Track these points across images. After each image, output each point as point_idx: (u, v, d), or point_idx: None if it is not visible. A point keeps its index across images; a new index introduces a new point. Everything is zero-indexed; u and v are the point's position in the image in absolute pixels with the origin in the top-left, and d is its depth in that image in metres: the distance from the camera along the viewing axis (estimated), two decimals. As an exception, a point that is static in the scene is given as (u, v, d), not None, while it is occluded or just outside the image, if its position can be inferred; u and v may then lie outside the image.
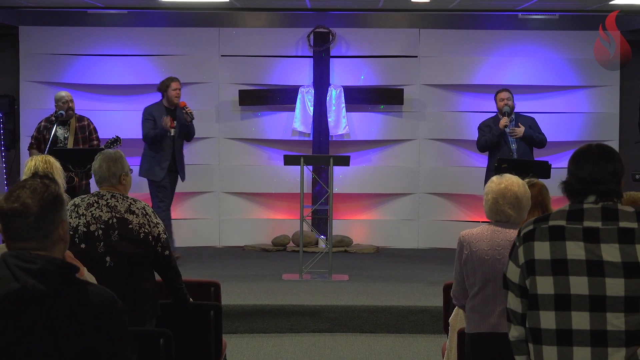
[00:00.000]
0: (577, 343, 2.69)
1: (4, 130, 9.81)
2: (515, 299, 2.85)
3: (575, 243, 2.74)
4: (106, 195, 4.35)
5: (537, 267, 2.77)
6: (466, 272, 3.96)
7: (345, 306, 6.91)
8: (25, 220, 2.27)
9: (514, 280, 2.85)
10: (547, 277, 2.75)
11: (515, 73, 9.79)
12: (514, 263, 2.86)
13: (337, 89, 9.69)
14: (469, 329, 3.99)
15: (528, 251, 2.81)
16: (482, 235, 3.94)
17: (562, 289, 2.72)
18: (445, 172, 9.93)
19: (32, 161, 4.87)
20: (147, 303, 4.32)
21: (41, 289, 2.21)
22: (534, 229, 2.82)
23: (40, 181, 2.32)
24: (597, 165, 2.80)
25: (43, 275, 2.22)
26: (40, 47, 9.85)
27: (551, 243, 2.76)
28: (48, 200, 2.30)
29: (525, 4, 9.08)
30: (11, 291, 2.20)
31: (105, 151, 4.52)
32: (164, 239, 4.34)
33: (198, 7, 9.67)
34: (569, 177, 2.86)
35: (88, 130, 8.48)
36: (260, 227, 9.99)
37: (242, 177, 9.99)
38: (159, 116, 8.47)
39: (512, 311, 2.87)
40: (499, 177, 4.00)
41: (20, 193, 2.29)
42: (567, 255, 2.74)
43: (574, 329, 2.70)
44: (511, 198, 3.91)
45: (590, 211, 2.77)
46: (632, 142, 9.55)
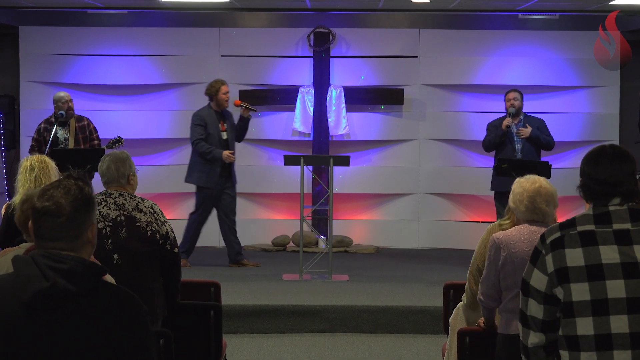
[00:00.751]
0: (617, 347, 2.67)
1: (4, 130, 9.81)
2: (538, 306, 2.81)
3: (609, 247, 2.71)
4: (114, 194, 4.38)
5: (571, 275, 2.73)
6: (504, 274, 3.95)
7: (345, 306, 6.91)
8: (57, 220, 2.27)
9: (538, 288, 2.81)
10: (583, 284, 2.71)
11: (515, 73, 9.79)
12: (540, 271, 2.81)
13: (337, 89, 9.69)
14: (508, 330, 3.96)
15: (558, 259, 2.76)
16: (519, 236, 3.94)
17: (599, 294, 2.70)
18: (445, 172, 9.93)
19: (28, 161, 4.87)
20: (155, 303, 4.34)
21: (70, 289, 2.22)
22: (563, 236, 2.77)
23: (74, 182, 2.33)
24: (616, 166, 2.79)
25: (72, 275, 2.23)
26: (40, 47, 9.85)
27: (584, 249, 2.73)
28: (81, 202, 2.30)
29: (525, 4, 9.08)
30: (41, 290, 2.20)
31: (112, 152, 4.54)
32: (172, 236, 4.37)
33: (198, 7, 9.67)
34: (585, 179, 2.83)
35: (88, 130, 8.47)
36: (260, 227, 9.99)
37: (241, 177, 9.96)
38: (210, 121, 8.32)
39: (532, 318, 2.83)
40: (526, 178, 4.01)
41: (54, 192, 2.30)
42: (602, 260, 2.71)
43: (613, 333, 2.68)
44: (547, 196, 3.95)
45: (618, 213, 2.76)
46: (632, 142, 9.54)
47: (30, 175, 4.78)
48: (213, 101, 8.42)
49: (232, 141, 8.47)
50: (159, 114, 9.96)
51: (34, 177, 4.75)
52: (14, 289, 2.23)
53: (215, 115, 8.40)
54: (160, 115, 9.96)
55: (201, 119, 8.36)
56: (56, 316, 2.23)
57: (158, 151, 9.97)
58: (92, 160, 7.79)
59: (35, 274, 2.22)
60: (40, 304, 2.21)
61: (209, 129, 8.32)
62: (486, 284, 4.05)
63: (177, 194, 9.98)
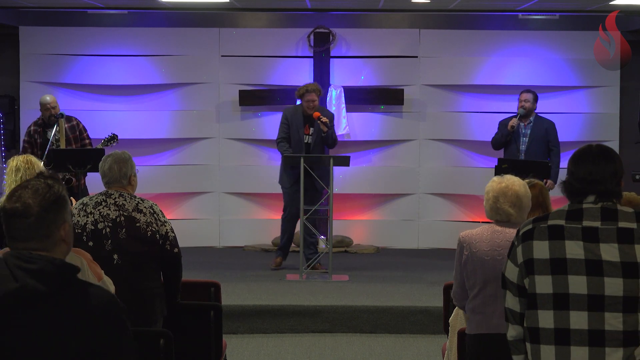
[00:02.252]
0: (574, 342, 2.69)
1: (4, 130, 9.82)
2: (514, 298, 2.85)
3: (574, 242, 2.74)
4: (114, 195, 4.38)
5: (536, 266, 2.77)
6: (466, 273, 3.96)
7: (346, 306, 6.91)
8: (26, 221, 2.26)
9: (512, 280, 2.86)
10: (546, 277, 2.75)
11: (516, 73, 9.79)
12: (512, 262, 2.87)
13: (337, 89, 9.68)
14: (470, 329, 3.99)
15: (527, 250, 2.81)
16: (482, 235, 3.94)
17: (561, 288, 2.72)
18: (445, 172, 9.93)
19: (14, 161, 4.86)
20: (155, 303, 4.34)
21: (40, 289, 2.20)
22: (533, 229, 2.82)
23: (43, 181, 2.31)
24: (597, 165, 2.81)
25: (42, 275, 2.21)
26: (41, 47, 9.85)
27: (550, 242, 2.77)
28: (50, 201, 2.29)
29: (526, 4, 9.08)
30: (9, 291, 2.19)
31: (113, 152, 4.54)
32: (172, 237, 4.37)
33: (198, 7, 9.67)
34: (568, 177, 2.87)
35: (78, 130, 8.51)
36: (260, 227, 9.99)
37: (242, 177, 9.99)
38: (294, 121, 8.24)
39: (510, 310, 2.88)
40: (499, 176, 4.00)
41: (22, 193, 2.29)
42: (566, 255, 2.74)
43: (572, 329, 2.70)
44: (512, 197, 3.91)
45: (590, 211, 2.78)
46: (632, 142, 9.55)
47: (16, 175, 4.77)
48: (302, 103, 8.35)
49: (315, 146, 8.28)
50: (159, 114, 9.96)
51: (19, 177, 4.73)
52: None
53: (302, 117, 8.28)
54: (160, 115, 9.96)
55: (286, 117, 8.32)
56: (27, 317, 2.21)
57: (158, 151, 9.97)
58: (92, 160, 7.81)
59: (5, 274, 2.21)
60: (10, 305, 2.20)
61: (292, 129, 8.26)
62: (455, 283, 4.07)
63: (177, 194, 9.99)
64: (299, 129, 8.28)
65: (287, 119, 8.31)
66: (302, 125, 8.29)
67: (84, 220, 4.30)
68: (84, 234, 4.28)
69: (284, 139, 8.29)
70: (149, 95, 9.99)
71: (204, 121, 9.92)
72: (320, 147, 8.39)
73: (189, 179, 9.99)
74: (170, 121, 9.96)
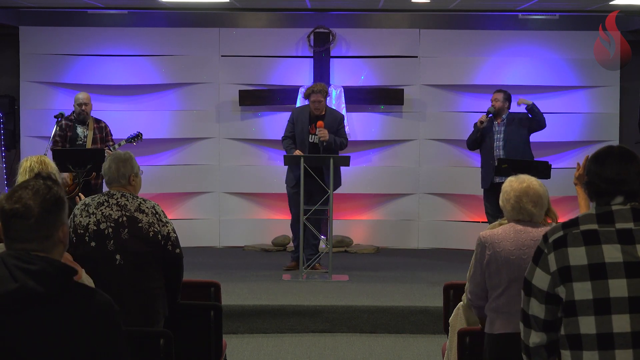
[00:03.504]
0: (618, 346, 2.68)
1: (4, 130, 9.82)
2: (540, 306, 2.82)
3: (611, 246, 2.72)
4: (116, 195, 4.38)
5: (574, 274, 2.74)
6: (489, 273, 3.95)
7: (345, 306, 6.92)
8: (26, 222, 2.25)
9: (541, 287, 2.81)
10: (585, 283, 2.72)
11: (515, 73, 9.79)
12: (542, 270, 2.81)
13: (337, 89, 9.68)
14: (492, 329, 3.97)
15: (561, 258, 2.77)
16: (505, 235, 3.93)
17: (602, 293, 2.70)
18: (445, 172, 9.93)
19: (27, 162, 4.87)
20: (157, 303, 4.34)
21: (39, 291, 2.20)
22: (565, 235, 2.78)
23: (42, 182, 2.30)
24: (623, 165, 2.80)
25: (42, 276, 2.21)
26: (40, 47, 9.86)
27: (587, 248, 2.74)
28: (50, 202, 2.28)
29: (525, 4, 9.08)
30: (9, 291, 2.19)
31: (115, 152, 4.56)
32: (173, 237, 4.37)
33: (198, 7, 9.67)
34: (591, 177, 2.85)
35: (105, 132, 8.69)
36: (260, 227, 9.99)
37: (242, 177, 9.99)
38: (300, 120, 8.20)
39: (534, 317, 2.83)
40: (516, 177, 4.00)
41: (23, 194, 2.27)
42: (604, 259, 2.72)
43: (615, 332, 2.69)
44: (534, 196, 3.92)
45: (620, 212, 2.77)
46: (632, 142, 9.54)
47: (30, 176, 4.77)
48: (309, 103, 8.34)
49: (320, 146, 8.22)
50: (159, 114, 9.96)
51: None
52: None
53: (309, 116, 8.24)
54: (160, 115, 9.96)
55: (292, 116, 8.31)
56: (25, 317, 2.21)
57: (158, 151, 9.97)
58: (92, 160, 7.83)
59: (4, 275, 2.20)
60: (8, 305, 2.20)
61: (297, 127, 8.24)
62: (473, 283, 4.06)
63: (177, 194, 9.99)
64: (303, 128, 8.27)
65: (294, 118, 8.31)
66: (307, 124, 8.28)
67: (87, 220, 4.30)
68: (87, 234, 4.28)
69: (288, 137, 8.29)
70: (149, 95, 9.99)
71: (204, 121, 9.92)
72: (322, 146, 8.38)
73: (189, 179, 9.99)
74: (170, 121, 9.96)
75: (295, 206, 8.33)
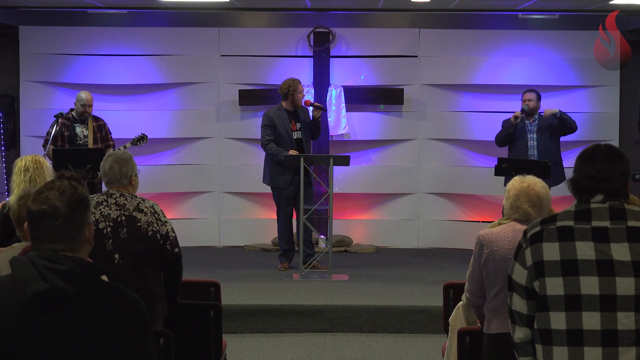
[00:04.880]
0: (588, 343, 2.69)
1: (4, 130, 9.81)
2: (521, 301, 2.84)
3: (585, 243, 2.73)
4: (115, 194, 4.38)
5: (547, 269, 2.76)
6: (486, 272, 3.95)
7: (345, 306, 6.92)
8: (54, 222, 2.26)
9: (520, 282, 2.84)
10: (557, 278, 2.74)
11: (515, 73, 9.79)
12: (520, 265, 2.85)
13: (337, 88, 9.68)
14: (489, 329, 3.97)
15: (536, 253, 2.79)
16: (503, 234, 3.94)
17: (573, 289, 2.71)
18: (445, 172, 9.93)
19: (22, 161, 4.88)
20: (156, 303, 4.34)
21: (69, 290, 2.21)
22: (542, 230, 2.81)
23: (68, 183, 2.31)
24: (606, 164, 2.81)
25: (71, 276, 2.22)
26: (40, 47, 9.85)
27: (560, 244, 2.76)
28: (76, 202, 2.29)
29: (525, 4, 9.08)
30: (39, 291, 2.20)
31: (114, 152, 4.56)
32: (172, 237, 4.37)
33: (198, 7, 9.67)
34: (575, 174, 2.86)
35: (104, 130, 8.67)
36: (260, 227, 9.98)
37: (242, 177, 9.99)
38: (280, 121, 8.24)
39: (517, 312, 2.86)
40: (521, 176, 4.00)
41: (49, 194, 2.28)
42: (577, 256, 2.73)
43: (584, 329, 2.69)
44: (533, 197, 3.92)
45: (598, 211, 2.77)
46: (632, 142, 9.55)
47: (24, 175, 4.79)
48: (287, 100, 8.34)
49: (306, 141, 8.37)
50: (159, 114, 9.96)
51: (28, 177, 4.76)
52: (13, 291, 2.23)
53: (287, 114, 8.30)
54: (160, 115, 9.96)
55: (269, 119, 8.28)
56: (55, 317, 2.22)
57: (158, 151, 9.97)
58: (92, 160, 7.83)
59: (34, 275, 2.21)
60: (38, 305, 2.21)
61: (279, 129, 8.25)
62: (471, 282, 4.06)
63: (177, 193, 9.99)
64: (286, 127, 8.28)
65: (272, 121, 8.28)
66: (288, 122, 8.30)
67: None
68: None
69: (270, 141, 8.26)
70: (149, 95, 9.99)
71: (203, 121, 9.92)
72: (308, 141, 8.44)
73: (189, 178, 9.99)
74: (170, 121, 9.96)
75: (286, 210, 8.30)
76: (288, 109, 8.33)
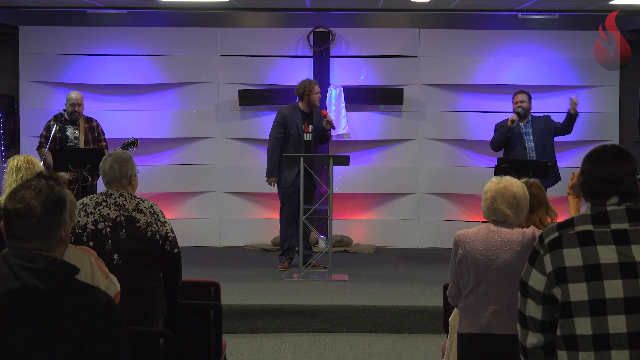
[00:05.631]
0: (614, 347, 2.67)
1: (4, 130, 9.81)
2: (536, 307, 2.80)
3: (606, 247, 2.71)
4: (115, 195, 4.38)
5: (569, 275, 2.73)
6: (460, 272, 3.98)
7: (345, 306, 6.91)
8: (28, 222, 2.26)
9: (537, 289, 2.80)
10: (581, 284, 2.71)
11: (515, 73, 9.79)
12: (538, 271, 2.80)
13: (337, 88, 9.69)
14: (461, 328, 4.00)
15: (556, 259, 2.76)
16: (477, 235, 3.95)
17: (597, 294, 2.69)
18: (445, 172, 9.93)
19: (14, 161, 4.87)
20: (155, 303, 4.34)
21: (42, 289, 2.20)
22: (560, 236, 2.77)
23: (45, 182, 2.31)
24: (616, 165, 2.78)
25: (44, 275, 2.22)
26: (40, 47, 9.85)
27: (582, 249, 2.73)
28: (52, 202, 2.29)
29: (525, 4, 9.08)
30: (12, 289, 2.19)
31: (114, 152, 4.55)
32: (172, 237, 4.37)
33: (198, 7, 9.67)
34: (585, 177, 2.83)
35: (97, 131, 8.61)
36: (260, 227, 9.99)
37: (242, 177, 9.99)
38: (292, 121, 8.23)
39: (531, 318, 2.82)
40: (498, 177, 4.01)
41: (25, 193, 2.28)
42: (600, 260, 2.71)
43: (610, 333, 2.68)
44: (509, 198, 3.92)
45: (615, 213, 2.75)
46: (632, 142, 9.55)
47: (16, 175, 4.78)
48: (303, 100, 8.34)
49: (314, 143, 8.38)
50: (159, 114, 9.96)
51: (20, 177, 4.75)
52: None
53: (301, 115, 8.30)
54: (160, 115, 9.96)
55: (282, 117, 8.27)
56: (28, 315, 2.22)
57: (158, 151, 9.97)
58: (92, 160, 7.82)
59: (7, 273, 2.21)
60: (11, 303, 2.20)
61: (290, 129, 8.24)
62: (450, 282, 4.09)
63: (177, 193, 9.99)
64: (298, 127, 8.28)
65: (284, 119, 8.28)
66: (301, 123, 8.30)
67: (84, 220, 4.30)
68: (84, 234, 4.28)
69: (278, 141, 8.27)
70: (149, 95, 9.99)
71: (203, 121, 9.92)
72: (316, 143, 8.45)
73: (189, 178, 9.99)
74: (170, 121, 9.96)
75: (289, 209, 8.31)
76: (303, 110, 8.33)
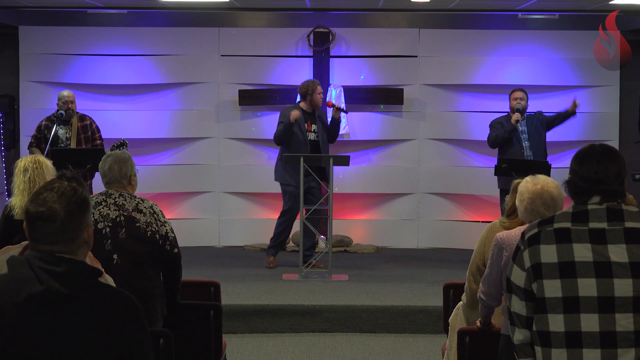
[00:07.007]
0: (586, 345, 2.68)
1: (4, 130, 9.81)
2: (520, 302, 2.83)
3: (582, 245, 2.72)
4: (114, 194, 4.38)
5: (544, 271, 2.75)
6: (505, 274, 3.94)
7: (345, 306, 6.91)
8: (52, 225, 2.24)
9: (518, 284, 2.83)
10: (555, 280, 2.73)
11: (515, 73, 9.79)
12: (518, 267, 2.83)
13: (337, 88, 9.68)
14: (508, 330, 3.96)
15: (534, 255, 2.78)
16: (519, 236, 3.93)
17: (571, 291, 2.71)
18: (445, 172, 9.93)
19: (22, 162, 4.87)
20: (155, 303, 4.34)
21: (64, 292, 2.19)
22: (539, 232, 2.79)
23: (68, 184, 2.28)
24: (602, 164, 2.79)
25: (67, 278, 2.21)
26: (40, 47, 9.85)
27: (558, 246, 2.75)
28: (75, 205, 2.27)
29: (525, 4, 9.08)
30: (34, 293, 2.18)
31: (113, 153, 4.54)
32: (172, 237, 4.37)
33: (198, 7, 9.67)
34: (572, 176, 2.84)
35: (90, 130, 8.51)
36: (260, 227, 9.98)
37: (242, 177, 9.99)
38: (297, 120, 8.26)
39: (516, 314, 2.85)
40: (533, 177, 3.96)
41: (48, 196, 2.25)
42: (574, 258, 2.72)
43: (583, 331, 2.69)
44: (548, 199, 3.89)
45: (595, 212, 2.76)
46: (632, 142, 9.55)
47: (24, 176, 4.78)
48: (305, 100, 8.39)
49: (323, 143, 8.40)
50: (159, 113, 9.96)
51: (27, 178, 4.74)
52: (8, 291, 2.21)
53: (304, 115, 8.32)
54: (160, 115, 9.96)
55: (285, 117, 8.29)
56: (50, 318, 2.21)
57: (158, 151, 9.97)
58: (92, 159, 7.81)
59: (30, 276, 2.20)
60: (33, 306, 2.20)
61: (293, 128, 8.25)
62: (487, 283, 4.04)
63: (177, 193, 9.99)
64: (301, 127, 8.28)
65: (287, 118, 8.27)
66: (304, 122, 8.31)
67: None
68: None
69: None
70: (149, 95, 9.99)
71: (203, 121, 9.91)
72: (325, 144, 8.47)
73: (188, 178, 9.99)
74: (170, 121, 9.96)
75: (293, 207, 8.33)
76: (305, 109, 8.35)
